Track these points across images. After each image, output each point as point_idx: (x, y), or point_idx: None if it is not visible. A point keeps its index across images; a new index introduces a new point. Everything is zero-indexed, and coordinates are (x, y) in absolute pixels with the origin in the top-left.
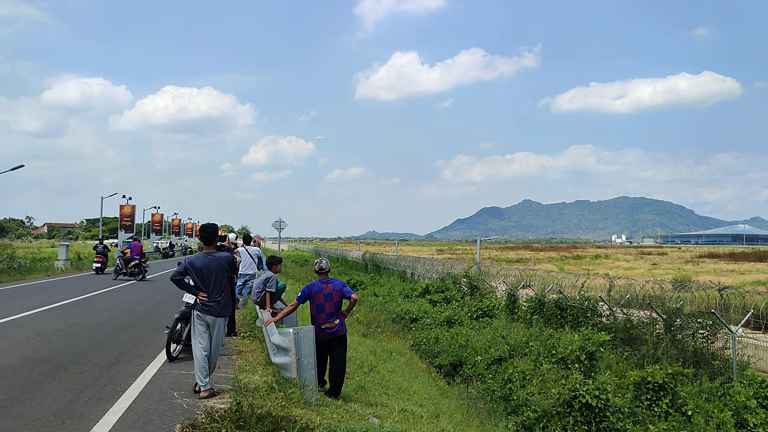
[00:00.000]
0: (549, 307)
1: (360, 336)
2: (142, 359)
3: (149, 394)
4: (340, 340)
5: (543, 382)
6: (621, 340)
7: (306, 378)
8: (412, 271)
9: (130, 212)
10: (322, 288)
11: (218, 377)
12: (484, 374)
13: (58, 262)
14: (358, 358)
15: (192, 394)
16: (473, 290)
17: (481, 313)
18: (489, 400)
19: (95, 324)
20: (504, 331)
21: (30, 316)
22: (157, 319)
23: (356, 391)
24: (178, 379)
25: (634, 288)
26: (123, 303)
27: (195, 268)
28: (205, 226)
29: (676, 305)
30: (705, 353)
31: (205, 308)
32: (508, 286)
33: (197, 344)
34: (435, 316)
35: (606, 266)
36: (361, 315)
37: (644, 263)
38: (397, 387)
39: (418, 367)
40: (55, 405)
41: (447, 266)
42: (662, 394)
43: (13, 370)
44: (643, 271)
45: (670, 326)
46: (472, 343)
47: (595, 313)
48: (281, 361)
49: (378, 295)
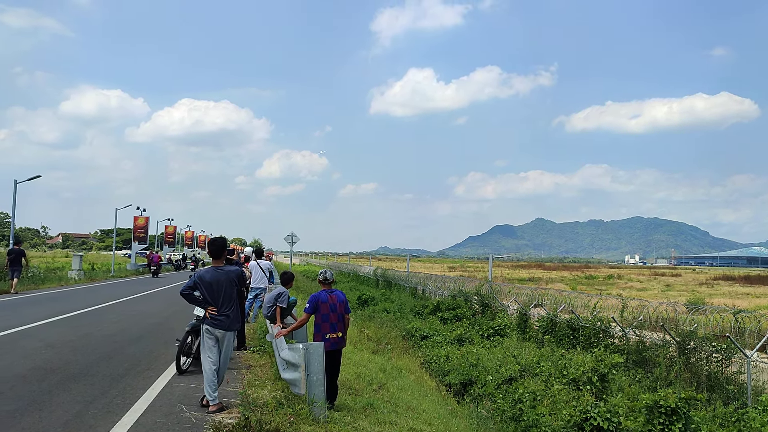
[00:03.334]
0: (561, 327)
1: (370, 353)
2: (152, 372)
3: (158, 407)
4: (340, 353)
5: (554, 403)
6: (633, 362)
7: (315, 394)
8: (424, 288)
9: (144, 224)
10: (328, 298)
11: (227, 392)
12: (495, 394)
13: (72, 272)
14: (367, 375)
15: (200, 408)
16: (485, 308)
17: (492, 331)
18: (499, 420)
19: (106, 335)
20: (515, 351)
21: (42, 326)
22: (167, 331)
23: (365, 409)
24: (187, 392)
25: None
26: (134, 315)
27: (204, 282)
28: (214, 240)
29: (690, 328)
30: (719, 377)
31: (215, 322)
32: (520, 305)
33: (206, 358)
34: (446, 333)
35: (619, 287)
36: (371, 331)
37: (658, 284)
38: (407, 405)
39: (428, 385)
40: (64, 416)
41: (458, 284)
42: (675, 419)
43: (24, 380)
44: (657, 293)
45: (683, 349)
46: (482, 362)
47: (608, 334)
48: (290, 376)
49: (389, 311)
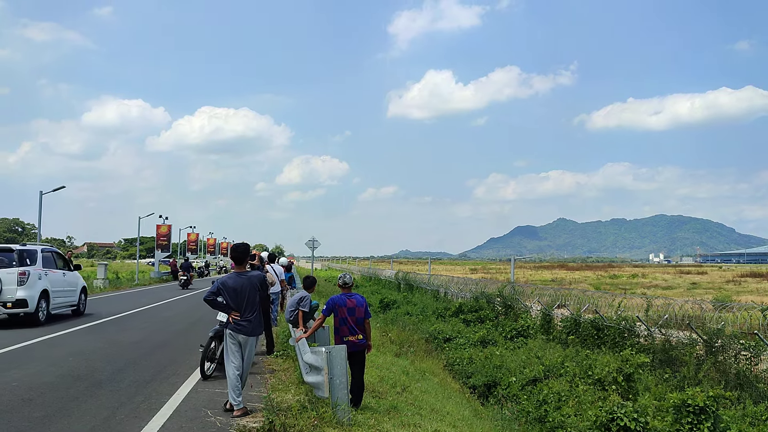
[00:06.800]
0: (585, 327)
1: (393, 356)
2: (177, 377)
3: (183, 412)
4: (361, 355)
5: (579, 404)
6: (660, 361)
7: (338, 397)
8: (445, 290)
9: (167, 232)
10: (346, 302)
11: (251, 396)
12: (519, 395)
13: (97, 280)
14: (390, 377)
15: (225, 412)
16: (507, 310)
17: (515, 333)
18: (524, 422)
19: (132, 342)
20: (539, 352)
21: (69, 334)
22: (191, 337)
23: (389, 411)
24: (212, 397)
25: (672, 308)
26: (158, 321)
27: (228, 288)
28: (237, 246)
29: (717, 326)
30: (748, 376)
31: (238, 327)
32: (543, 306)
33: (230, 363)
34: (469, 335)
35: (643, 285)
36: (393, 334)
37: (683, 282)
38: (431, 407)
39: (452, 387)
40: (91, 422)
41: (480, 286)
42: (704, 418)
43: (52, 388)
44: (682, 291)
45: (710, 347)
46: (506, 364)
47: (633, 334)
48: (313, 380)
49: (411, 314)
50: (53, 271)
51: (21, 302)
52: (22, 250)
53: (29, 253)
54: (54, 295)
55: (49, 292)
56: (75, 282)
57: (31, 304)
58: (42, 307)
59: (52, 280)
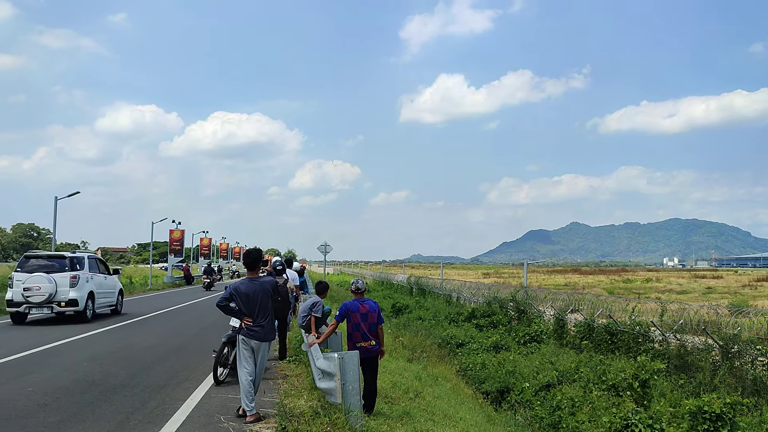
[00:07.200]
0: (599, 332)
1: (405, 361)
2: (190, 383)
3: (196, 417)
4: (374, 361)
5: (593, 410)
6: (675, 367)
7: (351, 403)
8: (458, 295)
9: (180, 237)
10: (359, 307)
11: (264, 402)
12: (532, 401)
13: None
14: (403, 383)
15: (238, 418)
16: (520, 315)
17: (528, 338)
18: (537, 428)
19: (145, 347)
20: (552, 357)
21: (83, 339)
22: (204, 342)
23: (402, 417)
24: (225, 403)
25: (687, 313)
26: (172, 326)
27: (240, 294)
28: (249, 252)
29: (733, 331)
30: (765, 382)
31: (250, 333)
32: (556, 311)
33: (242, 369)
34: (481, 341)
35: (657, 290)
36: (406, 339)
37: (698, 287)
38: (443, 413)
39: (465, 393)
40: (106, 427)
41: (493, 290)
42: (720, 425)
43: (66, 392)
44: (697, 296)
45: (727, 353)
46: (519, 369)
47: (647, 339)
48: (326, 386)
49: (423, 319)
50: (97, 275)
51: (72, 302)
52: (72, 257)
53: (78, 259)
54: (98, 296)
55: (94, 293)
56: (114, 285)
57: (81, 303)
58: (89, 306)
59: (97, 283)
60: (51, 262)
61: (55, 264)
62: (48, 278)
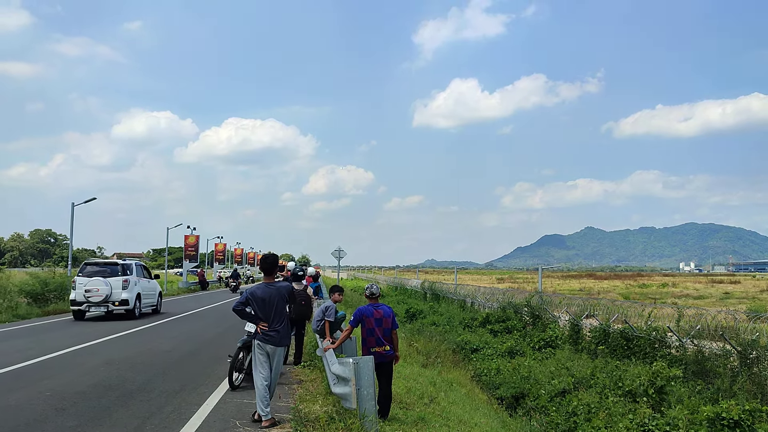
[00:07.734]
0: (614, 338)
1: (420, 366)
2: (206, 387)
3: (212, 422)
4: (389, 366)
5: (609, 416)
6: (692, 372)
7: (366, 409)
8: (472, 300)
9: (195, 242)
10: (373, 312)
11: (279, 407)
12: (548, 407)
13: None
14: (417, 389)
15: (253, 423)
16: (535, 320)
17: (543, 343)
18: None
19: (162, 351)
20: (568, 363)
21: (100, 343)
22: (220, 347)
23: (416, 423)
24: (240, 408)
25: (704, 318)
26: (188, 331)
27: (256, 298)
28: (266, 257)
29: (752, 337)
30: None
31: (266, 337)
32: (571, 316)
33: (258, 374)
34: (496, 346)
35: (674, 295)
36: (420, 345)
37: (715, 292)
38: (458, 419)
39: (480, 398)
40: None
41: (508, 295)
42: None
43: (84, 397)
44: (714, 301)
45: (745, 359)
46: (534, 375)
47: (664, 344)
48: (341, 391)
49: (437, 324)
50: (142, 280)
51: (124, 302)
52: (123, 264)
53: (128, 266)
54: (143, 297)
55: (141, 294)
56: (155, 288)
57: (131, 303)
58: (137, 305)
59: (143, 285)
60: (106, 267)
61: (109, 269)
62: (105, 281)
